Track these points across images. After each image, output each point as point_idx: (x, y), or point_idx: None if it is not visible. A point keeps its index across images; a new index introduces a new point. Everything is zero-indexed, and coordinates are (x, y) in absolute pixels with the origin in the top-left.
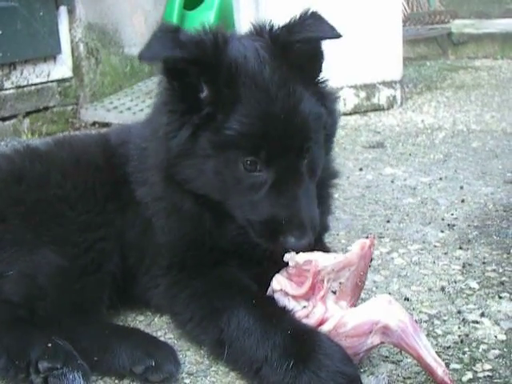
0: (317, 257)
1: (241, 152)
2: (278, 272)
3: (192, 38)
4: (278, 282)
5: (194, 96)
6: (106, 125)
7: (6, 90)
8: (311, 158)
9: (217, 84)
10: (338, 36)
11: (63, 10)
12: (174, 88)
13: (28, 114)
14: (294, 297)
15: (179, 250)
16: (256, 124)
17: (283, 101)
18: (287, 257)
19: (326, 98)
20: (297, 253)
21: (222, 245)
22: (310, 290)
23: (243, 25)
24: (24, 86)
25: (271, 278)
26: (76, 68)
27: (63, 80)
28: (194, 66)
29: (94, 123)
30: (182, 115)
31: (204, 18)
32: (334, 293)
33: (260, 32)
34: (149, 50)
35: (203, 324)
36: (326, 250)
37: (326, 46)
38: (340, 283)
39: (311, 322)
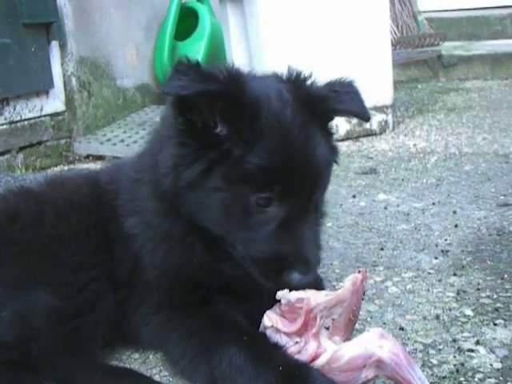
0: (309, 295)
1: (255, 186)
2: (267, 308)
3: (217, 72)
4: (270, 319)
5: (209, 131)
6: (100, 157)
7: None
8: (317, 199)
9: (239, 120)
10: (368, 119)
11: (55, 44)
12: (185, 123)
13: (21, 148)
14: (286, 333)
15: (168, 287)
16: (275, 160)
17: (303, 143)
18: (279, 295)
19: (333, 150)
20: (291, 290)
21: (212, 281)
22: (302, 327)
23: (234, 56)
24: (17, 122)
25: (260, 314)
26: (69, 102)
27: (56, 114)
28: (218, 101)
29: (87, 156)
30: (197, 150)
31: (195, 48)
32: (328, 328)
33: (287, 78)
34: (175, 83)
35: (195, 362)
36: (319, 279)
37: (313, 69)
38: (333, 319)
39: (303, 357)
